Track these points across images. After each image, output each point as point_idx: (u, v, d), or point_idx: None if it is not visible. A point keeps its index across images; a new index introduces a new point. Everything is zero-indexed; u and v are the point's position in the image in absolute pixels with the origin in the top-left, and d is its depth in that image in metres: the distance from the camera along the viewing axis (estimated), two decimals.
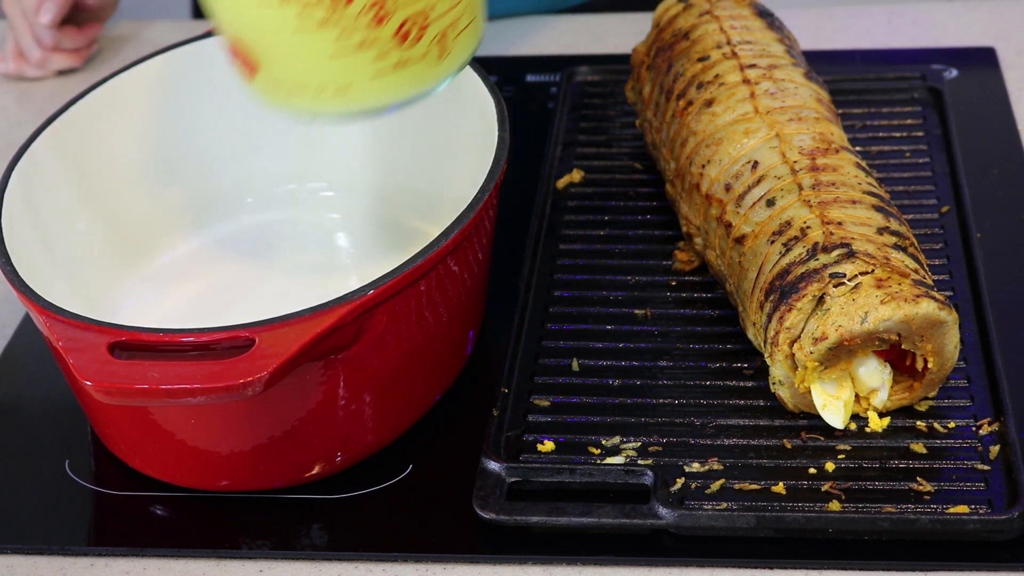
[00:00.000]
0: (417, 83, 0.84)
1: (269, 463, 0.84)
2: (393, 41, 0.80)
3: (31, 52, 1.28)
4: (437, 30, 0.82)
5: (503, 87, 1.18)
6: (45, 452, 0.91)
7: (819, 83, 0.99)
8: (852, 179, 0.89)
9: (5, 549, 0.85)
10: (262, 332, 0.77)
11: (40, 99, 1.28)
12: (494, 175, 0.86)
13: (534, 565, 0.81)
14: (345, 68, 0.81)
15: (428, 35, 0.81)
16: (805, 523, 0.80)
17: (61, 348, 0.78)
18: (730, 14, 1.03)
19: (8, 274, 0.83)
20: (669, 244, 1.00)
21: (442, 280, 0.84)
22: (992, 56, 1.19)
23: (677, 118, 0.98)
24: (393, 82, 0.83)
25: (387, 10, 0.79)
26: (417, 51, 0.82)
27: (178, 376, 0.76)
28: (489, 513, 0.82)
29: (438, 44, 0.82)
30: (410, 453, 0.88)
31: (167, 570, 0.83)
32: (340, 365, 0.82)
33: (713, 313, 0.95)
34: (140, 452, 0.87)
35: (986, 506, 0.80)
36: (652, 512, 0.81)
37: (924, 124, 1.09)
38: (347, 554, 0.83)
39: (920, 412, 0.86)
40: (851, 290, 0.82)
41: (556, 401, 0.89)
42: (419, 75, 0.83)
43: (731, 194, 0.91)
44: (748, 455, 0.85)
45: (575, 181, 1.07)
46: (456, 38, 0.83)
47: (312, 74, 0.82)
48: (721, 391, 0.89)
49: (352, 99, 0.83)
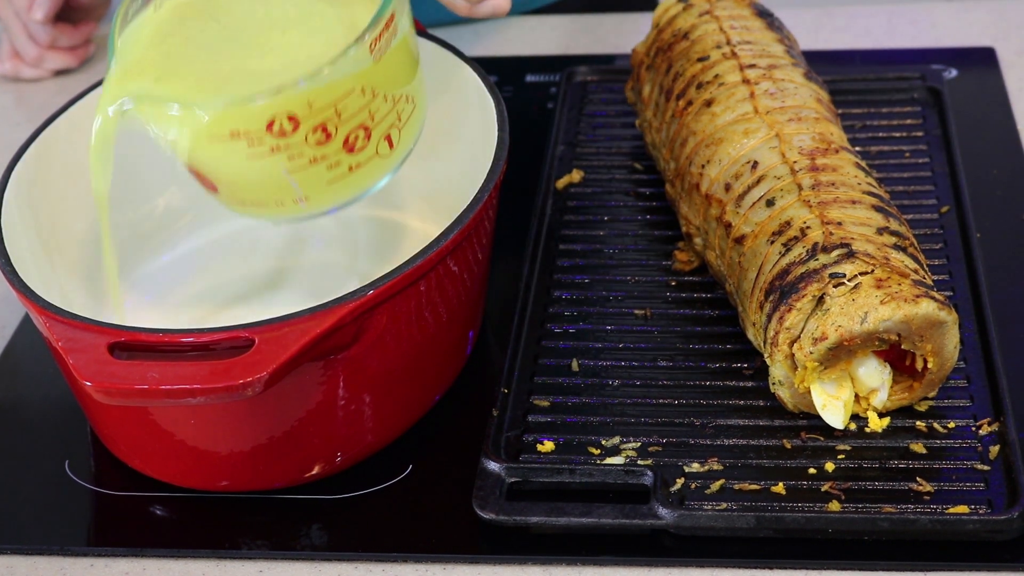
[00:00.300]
0: (372, 177, 0.86)
1: (269, 463, 0.84)
2: (342, 152, 0.83)
3: (27, 51, 1.27)
4: (382, 132, 0.85)
5: (503, 87, 1.18)
6: (45, 452, 0.91)
7: (819, 83, 0.99)
8: (852, 179, 0.89)
9: (5, 549, 0.85)
10: (262, 332, 0.77)
11: (38, 100, 1.28)
12: (494, 175, 0.86)
13: (534, 565, 0.81)
14: (301, 182, 0.84)
15: (375, 137, 0.84)
16: (805, 523, 0.80)
17: (61, 348, 0.78)
18: (730, 14, 1.03)
19: (8, 274, 0.83)
20: (669, 244, 1.00)
21: (442, 280, 0.84)
22: (992, 56, 1.19)
23: (677, 118, 0.98)
24: (349, 183, 0.85)
25: (330, 130, 0.82)
26: (367, 153, 0.84)
27: (178, 376, 0.76)
28: (489, 513, 0.82)
29: (386, 141, 0.85)
30: (410, 453, 0.88)
31: (167, 570, 0.83)
32: (340, 365, 0.82)
33: (713, 313, 0.95)
34: (140, 452, 0.87)
35: (986, 506, 0.80)
36: (652, 512, 0.81)
37: (924, 124, 1.09)
38: (347, 554, 0.83)
39: (920, 412, 0.86)
40: (851, 290, 0.82)
41: (556, 401, 0.89)
42: (373, 170, 0.86)
43: (731, 194, 0.91)
44: (748, 455, 0.85)
45: (575, 181, 1.07)
46: (402, 129, 0.86)
47: (269, 191, 0.85)
48: (721, 391, 0.89)
49: (312, 205, 0.86)
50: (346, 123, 0.82)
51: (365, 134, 0.83)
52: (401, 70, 0.85)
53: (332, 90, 0.81)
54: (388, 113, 0.84)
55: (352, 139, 0.83)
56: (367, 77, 0.82)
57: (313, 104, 0.81)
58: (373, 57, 0.81)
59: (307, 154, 0.82)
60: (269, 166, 0.83)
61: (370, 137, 0.84)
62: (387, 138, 0.85)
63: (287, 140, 0.81)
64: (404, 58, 0.85)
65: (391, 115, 0.84)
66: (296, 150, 0.82)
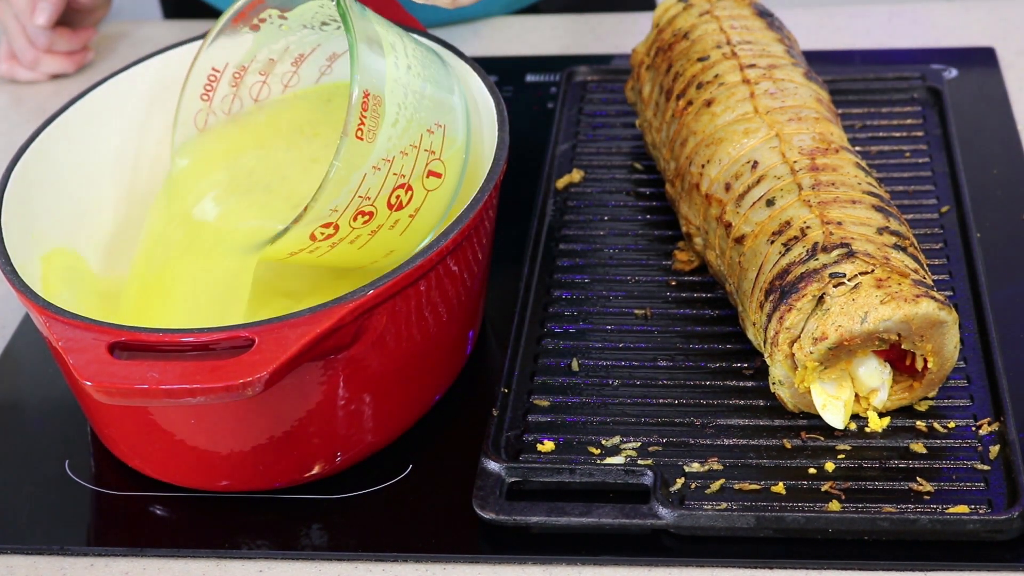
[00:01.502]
0: (441, 202, 0.88)
1: (269, 463, 0.84)
2: (392, 212, 0.85)
3: (24, 53, 1.27)
4: (420, 176, 0.86)
5: (503, 87, 1.18)
6: (45, 452, 0.91)
7: (819, 83, 0.99)
8: (852, 179, 0.89)
9: (5, 549, 0.85)
10: (262, 332, 0.77)
11: (35, 101, 1.28)
12: (494, 175, 0.86)
13: (534, 565, 0.81)
14: (375, 249, 0.87)
15: (416, 185, 0.85)
16: (805, 523, 0.80)
17: (61, 348, 0.78)
18: (730, 14, 1.03)
19: (8, 274, 0.83)
20: (669, 244, 1.00)
21: (442, 280, 0.84)
22: (992, 56, 1.19)
23: (677, 118, 0.98)
24: (420, 223, 0.87)
25: (368, 210, 0.84)
26: (417, 198, 0.86)
27: (178, 376, 0.76)
28: (489, 513, 0.82)
29: (431, 177, 0.86)
30: (410, 453, 0.88)
31: (167, 570, 0.83)
32: (340, 365, 0.82)
33: (713, 313, 0.95)
34: (140, 452, 0.87)
35: (986, 506, 0.80)
36: (652, 512, 0.81)
37: (924, 124, 1.09)
38: (347, 554, 0.83)
39: (920, 412, 0.86)
40: (851, 290, 0.82)
41: (556, 401, 0.89)
42: (436, 200, 0.87)
43: (731, 194, 0.91)
44: (748, 455, 0.85)
45: (575, 181, 1.07)
46: (442, 155, 0.87)
47: (357, 262, 0.88)
48: (721, 391, 0.89)
49: (398, 256, 0.87)
50: (380, 197, 0.84)
51: (405, 190, 0.85)
52: (410, 124, 0.85)
53: (342, 187, 0.82)
54: (416, 159, 0.85)
55: (395, 200, 0.84)
56: (371, 158, 0.82)
57: (337, 207, 0.82)
58: (367, 141, 0.82)
59: (363, 233, 0.85)
60: (339, 254, 0.86)
61: (411, 188, 0.85)
62: (429, 174, 0.86)
63: (337, 237, 0.84)
64: (411, 111, 0.85)
65: (421, 158, 0.85)
66: (352, 236, 0.84)
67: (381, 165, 0.83)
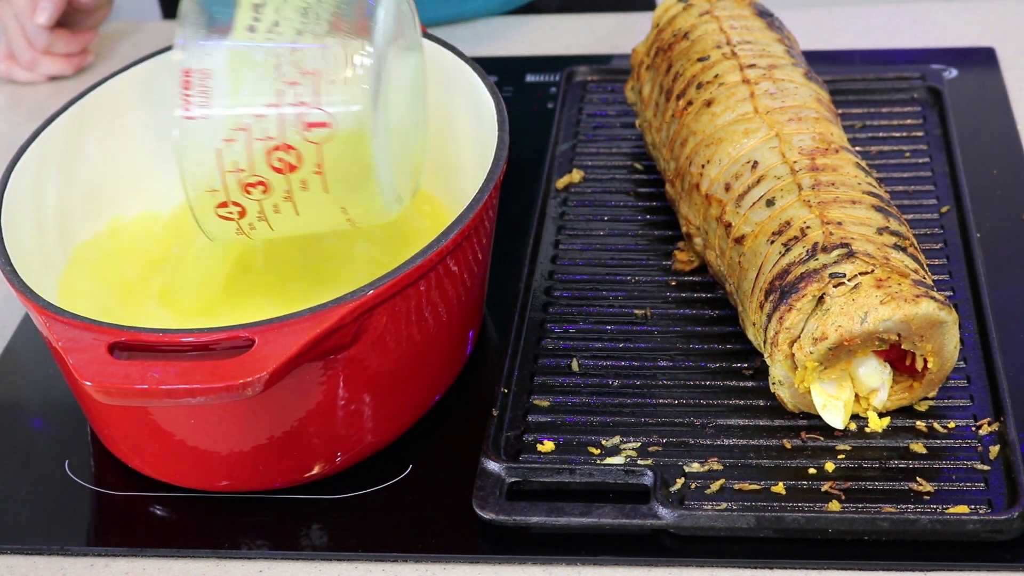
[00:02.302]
0: (362, 153, 0.84)
1: (269, 463, 0.84)
2: (283, 175, 0.83)
3: (23, 54, 1.27)
4: (296, 137, 0.82)
5: (503, 87, 1.18)
6: (45, 452, 0.91)
7: (819, 83, 0.99)
8: (852, 179, 0.89)
9: (5, 549, 0.85)
10: (262, 332, 0.77)
11: (33, 101, 1.28)
12: (494, 175, 0.86)
13: (534, 565, 0.81)
14: (316, 210, 0.84)
15: (300, 145, 0.82)
16: (805, 523, 0.80)
17: (61, 348, 0.78)
18: (730, 14, 1.03)
19: (8, 274, 0.83)
20: (669, 244, 1.00)
21: (442, 280, 0.84)
22: (992, 56, 1.19)
23: (677, 118, 0.98)
24: (346, 173, 0.84)
25: (251, 176, 0.82)
26: (309, 155, 0.83)
27: (178, 376, 0.76)
28: (489, 513, 0.82)
29: (305, 135, 0.83)
30: (410, 453, 0.88)
31: (167, 570, 0.83)
32: (340, 365, 0.82)
33: (713, 313, 0.95)
34: (140, 452, 0.87)
35: (986, 506, 0.80)
36: (652, 512, 0.81)
37: (924, 124, 1.09)
38: (347, 554, 0.83)
39: (920, 412, 0.86)
40: (851, 290, 0.82)
41: (556, 401, 0.89)
42: (345, 151, 0.83)
43: (731, 194, 0.91)
44: (748, 455, 0.85)
45: (575, 181, 1.07)
46: (317, 107, 0.83)
47: (315, 227, 0.88)
48: (721, 391, 0.89)
49: (364, 209, 0.86)
50: (258, 164, 0.82)
51: (285, 150, 0.82)
52: (260, 84, 0.82)
53: (197, 167, 0.82)
54: (282, 117, 0.82)
55: (280, 164, 0.82)
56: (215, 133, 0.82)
57: (214, 187, 0.83)
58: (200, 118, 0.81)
59: (277, 201, 0.83)
60: (284, 225, 0.85)
61: (293, 147, 0.82)
62: (309, 126, 0.82)
63: (253, 212, 0.84)
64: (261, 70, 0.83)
65: (288, 113, 0.82)
66: (268, 207, 0.83)
67: (236, 136, 0.81)
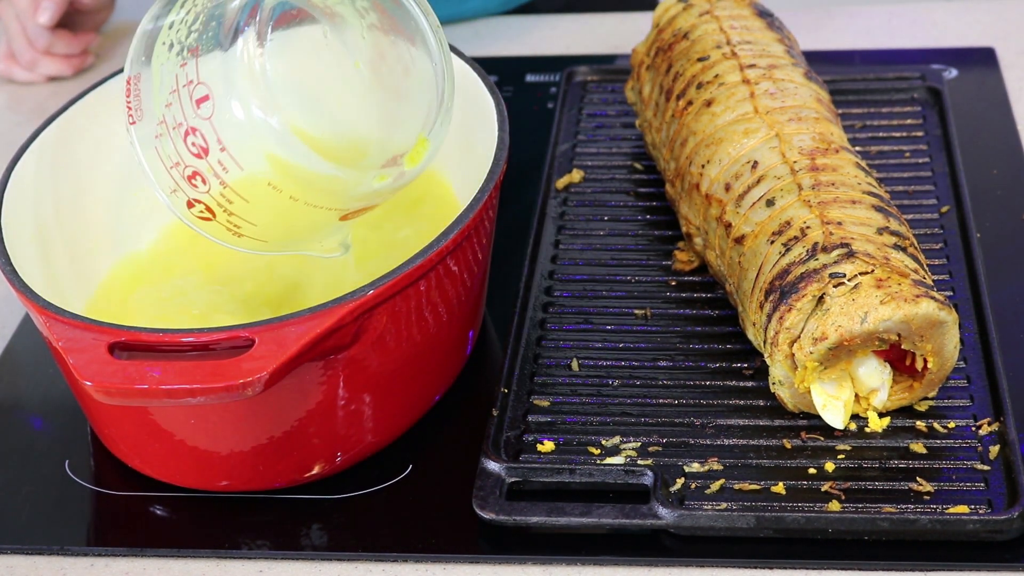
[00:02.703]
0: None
1: (269, 463, 0.84)
2: (200, 159, 0.82)
3: (23, 54, 1.27)
4: (192, 117, 0.82)
5: (503, 87, 1.18)
6: (45, 452, 0.91)
7: (819, 83, 0.99)
8: (852, 179, 0.89)
9: (5, 549, 0.85)
10: (262, 332, 0.77)
11: (32, 101, 1.28)
12: (494, 175, 0.86)
13: (534, 565, 0.81)
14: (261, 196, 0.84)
15: (197, 122, 0.82)
16: (805, 523, 0.80)
17: (61, 348, 0.78)
18: (730, 14, 1.03)
19: (8, 274, 0.83)
20: (669, 244, 1.00)
21: (442, 280, 0.84)
22: (992, 56, 1.19)
23: (677, 118, 0.98)
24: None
25: (187, 169, 0.83)
26: (207, 131, 0.82)
27: (178, 376, 0.76)
28: (489, 513, 0.82)
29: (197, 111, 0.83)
30: (410, 453, 0.88)
31: (167, 570, 0.83)
32: (340, 365, 0.82)
33: (713, 313, 0.95)
34: (140, 452, 0.87)
35: (986, 506, 0.80)
36: (652, 512, 0.81)
37: (924, 124, 1.09)
38: (347, 554, 0.83)
39: (920, 412, 0.86)
40: (851, 290, 0.82)
41: (556, 401, 0.89)
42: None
43: (731, 194, 0.91)
44: (748, 455, 0.85)
45: (575, 181, 1.07)
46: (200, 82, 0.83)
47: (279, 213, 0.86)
48: (721, 391, 0.89)
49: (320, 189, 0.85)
50: (183, 153, 0.82)
51: (191, 132, 0.82)
52: (162, 73, 0.83)
53: (156, 172, 0.84)
54: (180, 99, 0.82)
55: (194, 148, 0.82)
56: (148, 133, 0.83)
57: (176, 188, 0.84)
58: (140, 121, 0.83)
59: (223, 190, 0.83)
60: (252, 215, 0.84)
61: (196, 130, 0.82)
62: (198, 103, 0.82)
63: (222, 210, 0.83)
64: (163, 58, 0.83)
65: (183, 95, 0.82)
66: (220, 199, 0.83)
67: (161, 131, 0.82)
